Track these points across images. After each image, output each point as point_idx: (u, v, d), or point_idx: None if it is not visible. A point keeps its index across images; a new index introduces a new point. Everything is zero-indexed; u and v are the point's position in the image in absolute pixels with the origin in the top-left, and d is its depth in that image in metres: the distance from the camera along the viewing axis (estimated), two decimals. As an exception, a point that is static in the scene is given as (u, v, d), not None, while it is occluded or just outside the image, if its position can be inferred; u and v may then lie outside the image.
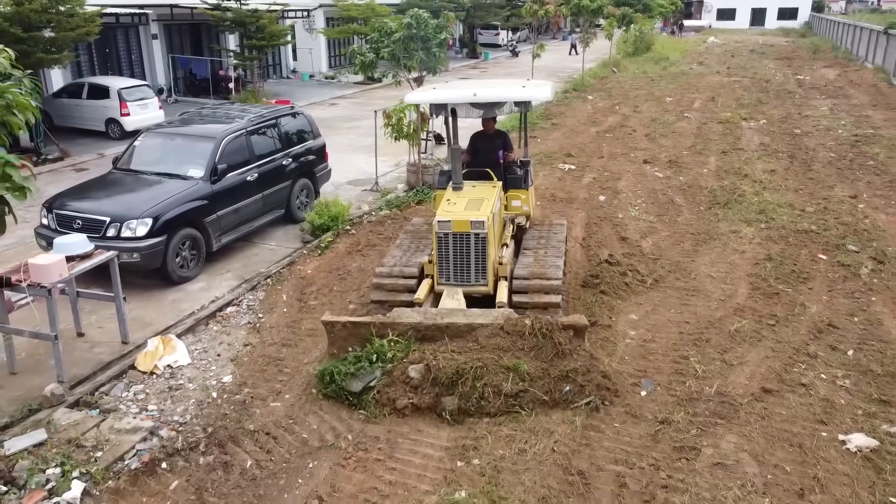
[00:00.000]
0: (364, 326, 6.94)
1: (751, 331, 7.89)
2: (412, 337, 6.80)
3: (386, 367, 6.59)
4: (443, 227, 7.54)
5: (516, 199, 9.11)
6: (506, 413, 6.28)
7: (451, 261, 7.63)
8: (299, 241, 11.29)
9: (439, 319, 6.88)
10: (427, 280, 7.84)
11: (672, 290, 9.04)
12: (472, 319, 6.85)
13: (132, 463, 5.85)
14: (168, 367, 7.38)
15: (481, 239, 7.47)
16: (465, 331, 6.77)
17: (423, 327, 6.83)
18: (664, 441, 5.97)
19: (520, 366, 6.40)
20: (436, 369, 6.38)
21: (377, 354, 6.67)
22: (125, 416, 6.52)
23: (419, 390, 6.41)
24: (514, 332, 6.67)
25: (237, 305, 8.98)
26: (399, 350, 6.69)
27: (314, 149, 12.55)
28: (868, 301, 8.66)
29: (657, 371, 7.08)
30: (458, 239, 7.53)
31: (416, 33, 12.71)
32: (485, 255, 7.55)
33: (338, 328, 6.98)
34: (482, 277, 7.63)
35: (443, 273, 7.72)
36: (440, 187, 8.85)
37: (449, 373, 6.33)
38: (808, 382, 6.82)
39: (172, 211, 9.39)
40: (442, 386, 6.36)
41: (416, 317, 6.95)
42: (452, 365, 6.36)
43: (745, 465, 5.64)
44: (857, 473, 5.54)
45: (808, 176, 14.56)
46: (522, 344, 6.61)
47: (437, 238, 7.61)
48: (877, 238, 10.72)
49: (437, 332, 6.79)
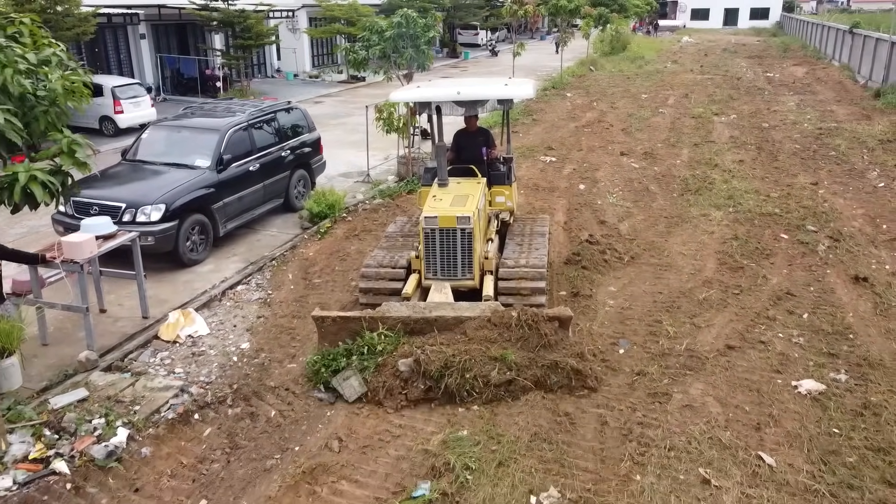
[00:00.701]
0: (354, 321, 7.08)
1: (717, 299, 8.74)
2: (401, 330, 6.94)
3: (377, 359, 6.74)
4: (430, 223, 7.72)
5: (500, 195, 9.36)
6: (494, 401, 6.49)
7: (438, 255, 7.82)
8: (298, 227, 11.98)
9: (428, 313, 7.04)
10: (414, 275, 8.03)
11: (647, 265, 9.88)
12: (460, 312, 7.03)
13: (168, 414, 6.55)
14: (189, 336, 8.06)
15: (467, 234, 7.69)
16: (453, 324, 6.92)
17: (412, 321, 6.96)
18: (640, 389, 6.78)
19: (507, 356, 6.59)
20: (425, 362, 6.51)
21: (367, 347, 6.83)
22: (156, 377, 7.21)
23: (409, 383, 6.57)
24: (501, 323, 6.85)
25: (246, 284, 9.67)
26: (389, 343, 6.84)
27: (310, 141, 13.24)
28: (823, 273, 9.55)
29: (633, 333, 7.90)
30: (444, 234, 7.73)
31: (405, 32, 13.48)
32: (471, 250, 7.76)
33: (328, 323, 7.14)
34: (469, 271, 7.86)
35: (430, 268, 7.91)
36: (425, 184, 9.08)
37: (438, 365, 6.48)
38: (766, 340, 7.68)
39: (183, 198, 10.04)
40: (431, 378, 6.51)
41: (405, 311, 7.11)
42: (441, 357, 6.51)
43: (710, 407, 6.46)
44: (806, 411, 6.39)
45: (773, 165, 15.51)
46: (509, 335, 6.78)
47: (423, 233, 7.79)
48: (834, 219, 11.65)
49: (425, 326, 6.93)
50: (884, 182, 13.99)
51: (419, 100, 9.01)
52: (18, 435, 6.05)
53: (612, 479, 5.46)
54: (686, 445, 5.87)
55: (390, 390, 6.56)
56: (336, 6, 31.68)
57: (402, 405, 6.52)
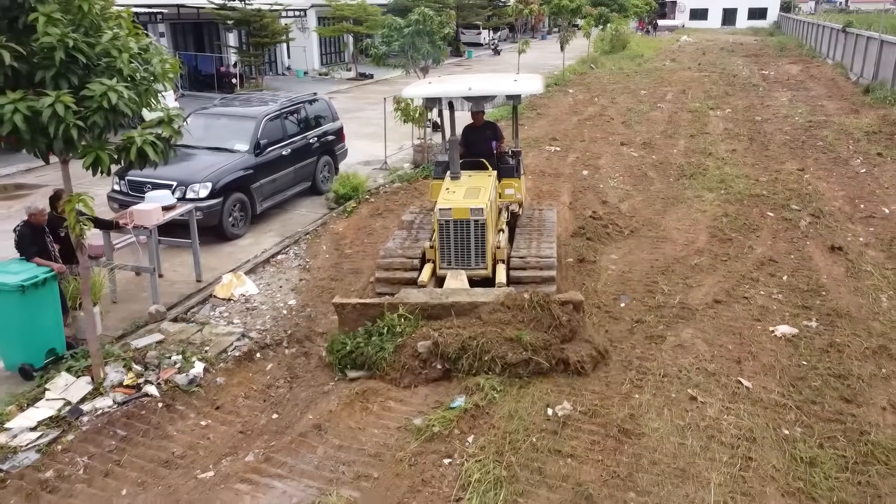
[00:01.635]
0: (373, 307, 7.35)
1: (707, 264, 9.84)
2: (419, 315, 7.20)
3: (396, 341, 7.02)
4: (444, 215, 7.93)
5: (509, 188, 9.56)
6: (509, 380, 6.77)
7: (452, 246, 8.05)
8: (325, 208, 13.06)
9: (444, 299, 7.31)
10: (429, 264, 8.28)
11: (645, 238, 10.97)
12: (475, 298, 7.30)
13: (234, 353, 7.65)
14: (242, 295, 9.14)
15: (480, 225, 7.90)
16: (468, 309, 7.17)
17: (429, 306, 7.22)
18: (638, 333, 7.87)
19: (522, 336, 6.84)
20: (443, 344, 6.80)
21: (387, 328, 7.12)
22: (218, 326, 8.31)
23: (428, 364, 6.86)
24: (514, 306, 7.09)
25: (285, 254, 10.75)
26: (408, 326, 7.11)
27: (333, 130, 14.33)
28: (803, 244, 10.64)
29: (633, 291, 8.99)
30: (458, 225, 7.95)
31: (422, 28, 14.57)
32: (484, 240, 7.98)
33: (348, 309, 7.40)
34: (482, 261, 8.09)
35: (444, 258, 8.13)
36: (436, 177, 9.35)
37: (455, 347, 6.78)
38: (749, 296, 8.78)
39: (226, 177, 11.13)
40: (449, 360, 6.82)
41: (422, 297, 7.39)
42: (458, 339, 6.81)
43: (698, 346, 7.55)
44: (780, 349, 7.48)
45: (764, 154, 16.60)
46: (522, 317, 7.01)
47: (438, 225, 8.01)
48: (816, 200, 12.74)
49: (442, 311, 7.20)
50: (865, 168, 15.08)
51: (432, 95, 9.24)
52: (112, 367, 7.13)
53: (615, 397, 6.55)
54: (677, 373, 6.96)
55: (411, 370, 6.88)
56: (345, 6, 32.77)
57: (419, 385, 6.85)
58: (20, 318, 7.06)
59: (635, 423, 6.14)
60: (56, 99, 5.38)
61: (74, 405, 6.58)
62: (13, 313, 7.04)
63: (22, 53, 5.53)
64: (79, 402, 6.64)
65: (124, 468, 5.80)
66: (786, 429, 6.10)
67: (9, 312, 7.04)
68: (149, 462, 5.88)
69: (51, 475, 5.67)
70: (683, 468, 5.58)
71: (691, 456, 5.73)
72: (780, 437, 5.99)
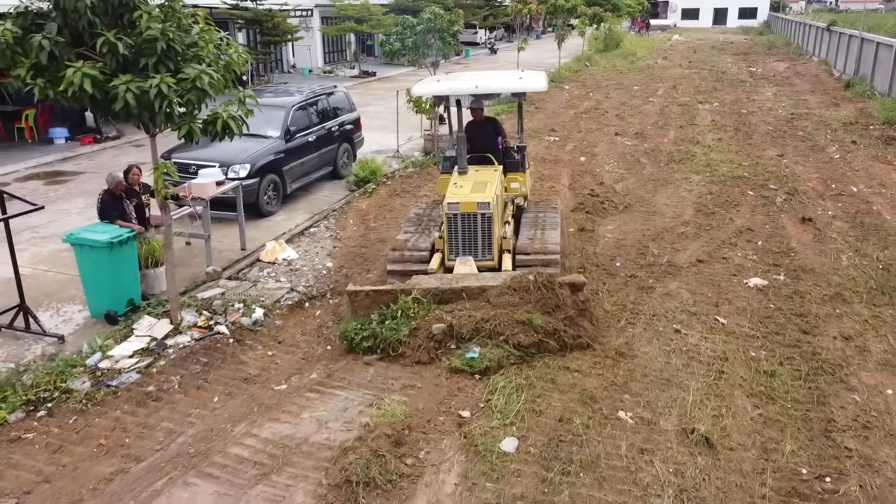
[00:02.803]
0: (386, 294, 7.66)
1: (692, 233, 11.16)
2: (431, 300, 7.58)
3: (411, 324, 7.38)
4: (452, 209, 8.28)
5: (514, 182, 9.89)
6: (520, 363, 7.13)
7: (460, 238, 8.42)
8: (346, 190, 14.34)
9: (455, 284, 7.67)
10: (438, 253, 8.67)
11: (637, 212, 12.29)
12: (484, 282, 7.67)
13: (287, 302, 8.94)
14: (284, 259, 10.41)
15: (487, 218, 8.26)
16: (478, 293, 7.54)
17: (440, 291, 7.59)
18: (631, 285, 9.18)
19: (533, 319, 7.21)
20: (458, 326, 7.22)
21: (401, 311, 7.48)
22: (268, 282, 9.58)
23: (442, 344, 7.27)
24: (520, 288, 7.42)
25: (317, 227, 12.03)
26: (421, 309, 7.48)
27: (351, 120, 15.62)
28: (778, 217, 11.97)
29: (627, 253, 10.31)
30: (466, 218, 8.30)
31: (433, 26, 15.87)
32: (490, 232, 8.35)
33: (361, 297, 7.69)
34: (489, 252, 8.45)
35: (453, 249, 8.49)
36: (445, 172, 9.75)
37: (469, 328, 7.20)
38: (728, 257, 10.10)
39: (262, 160, 12.40)
40: (463, 340, 7.22)
41: (433, 282, 7.76)
42: (472, 321, 7.23)
43: (683, 294, 8.87)
44: (752, 296, 8.81)
45: (747, 142, 17.95)
46: (528, 297, 7.34)
47: (447, 218, 8.35)
48: (792, 181, 14.08)
49: (452, 296, 7.57)
50: (840, 154, 16.43)
51: (439, 93, 9.51)
52: (186, 312, 8.40)
53: (612, 330, 7.86)
54: (664, 313, 8.28)
55: (427, 350, 7.25)
56: (349, 6, 34.03)
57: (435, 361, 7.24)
58: (107, 271, 8.32)
59: (629, 349, 7.45)
60: (161, 80, 6.65)
61: (160, 340, 7.86)
62: (102, 267, 8.30)
63: (131, 44, 6.79)
64: (163, 338, 7.91)
65: (211, 384, 7.08)
66: (752, 352, 7.42)
67: (98, 266, 8.29)
68: (231, 379, 7.16)
69: (153, 389, 6.95)
70: (668, 379, 6.89)
71: (675, 371, 7.04)
72: (747, 357, 7.32)
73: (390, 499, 5.30)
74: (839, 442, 5.93)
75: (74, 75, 6.48)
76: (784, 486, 5.40)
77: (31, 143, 18.84)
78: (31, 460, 5.91)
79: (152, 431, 6.28)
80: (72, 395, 6.79)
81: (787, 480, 5.47)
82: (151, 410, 6.63)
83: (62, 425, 6.38)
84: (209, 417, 6.48)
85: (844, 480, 5.45)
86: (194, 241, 10.66)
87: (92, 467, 5.79)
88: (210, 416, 6.50)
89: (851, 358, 7.30)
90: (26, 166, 16.61)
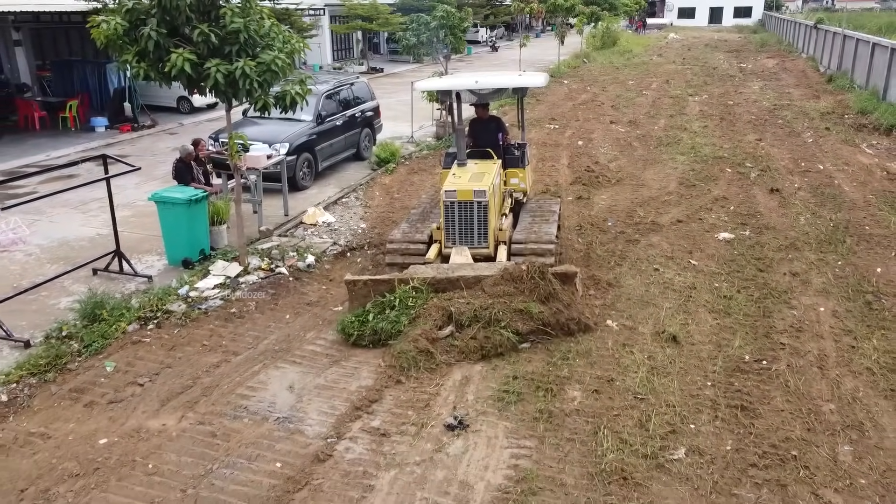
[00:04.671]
0: (383, 283, 7.87)
1: (674, 200, 12.92)
2: (428, 290, 7.81)
3: (410, 312, 7.58)
4: (449, 196, 8.56)
5: (514, 177, 10.23)
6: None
7: (456, 226, 8.67)
8: (369, 169, 16.07)
9: (451, 273, 7.88)
10: (436, 244, 8.96)
11: (628, 185, 14.05)
12: (479, 272, 7.88)
13: (332, 253, 10.68)
14: (324, 222, 12.15)
15: (483, 206, 8.52)
16: (473, 282, 7.75)
17: (436, 281, 7.82)
18: (620, 239, 10.92)
19: (531, 308, 7.46)
20: (457, 313, 7.47)
21: (399, 300, 7.69)
22: (314, 238, 11.32)
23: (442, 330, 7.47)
24: (513, 277, 7.66)
25: (348, 198, 13.78)
26: (420, 298, 7.70)
27: (372, 107, 17.36)
28: (750, 188, 13.73)
29: (617, 216, 12.06)
30: (462, 207, 8.58)
31: (446, 23, 17.64)
32: (486, 221, 8.59)
33: (359, 286, 7.89)
34: (484, 240, 8.71)
35: (449, 237, 8.76)
36: (446, 167, 10.05)
37: (469, 316, 7.45)
38: (703, 218, 11.86)
39: (299, 140, 14.13)
40: (462, 327, 7.46)
41: (430, 272, 7.98)
42: (470, 308, 7.49)
43: (663, 245, 10.61)
44: (720, 246, 10.56)
45: (730, 129, 19.70)
46: (522, 287, 7.58)
47: (444, 206, 8.63)
48: (766, 161, 15.83)
49: (448, 285, 7.81)
50: (813, 139, 18.19)
51: (441, 88, 10.12)
52: (251, 258, 10.14)
53: (604, 269, 9.61)
54: (646, 258, 10.04)
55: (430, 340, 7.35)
56: (358, 5, 35.76)
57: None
58: (185, 225, 10.05)
59: (616, 281, 9.21)
60: (244, 63, 8.38)
61: (233, 278, 9.60)
62: (181, 221, 10.03)
63: (218, 34, 8.52)
64: (235, 276, 9.65)
65: (281, 308, 8.82)
66: (716, 283, 9.19)
67: (178, 220, 10.02)
68: (296, 304, 8.91)
69: (235, 310, 8.70)
70: (647, 301, 8.65)
71: (652, 296, 8.80)
72: (712, 287, 9.08)
73: (434, 375, 7.04)
74: (776, 340, 7.68)
75: (177, 59, 8.22)
76: (730, 366, 7.15)
77: (75, 131, 20.56)
78: (152, 355, 7.65)
79: (242, 337, 8.03)
80: (172, 315, 8.53)
81: (733, 363, 7.22)
82: (237, 324, 8.37)
83: (170, 334, 8.13)
84: (285, 328, 8.23)
85: (776, 362, 7.20)
86: (244, 208, 12.37)
87: (201, 358, 7.54)
88: (285, 328, 8.25)
89: (795, 287, 9.05)
90: (75, 150, 18.34)
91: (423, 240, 9.08)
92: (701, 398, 6.60)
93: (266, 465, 5.73)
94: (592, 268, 9.63)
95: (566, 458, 5.75)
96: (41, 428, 6.35)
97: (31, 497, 5.41)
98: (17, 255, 10.49)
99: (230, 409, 6.54)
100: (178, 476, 5.61)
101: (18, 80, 22.63)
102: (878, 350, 7.41)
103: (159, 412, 6.55)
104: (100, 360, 7.53)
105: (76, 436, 6.21)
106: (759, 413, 6.34)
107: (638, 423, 6.19)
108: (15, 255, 10.48)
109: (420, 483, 5.50)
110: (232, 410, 6.52)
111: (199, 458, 5.83)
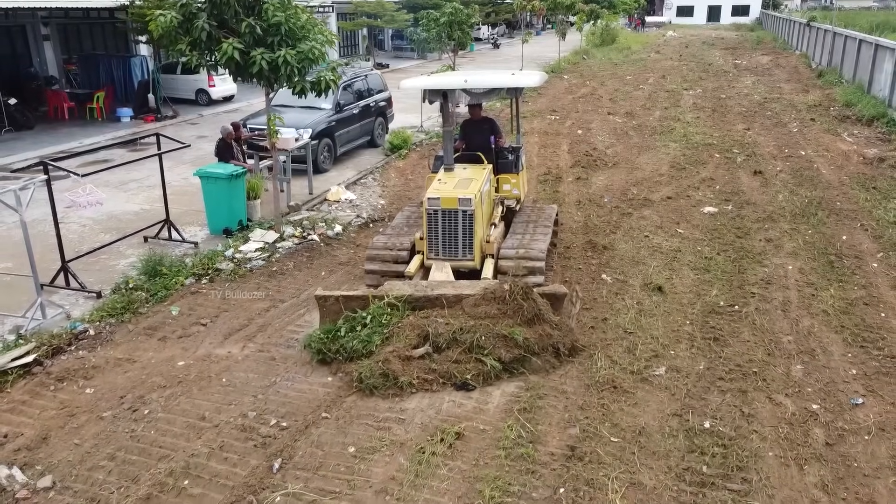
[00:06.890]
0: (356, 300, 7.22)
1: (665, 181, 14.14)
2: (405, 306, 7.15)
3: (383, 331, 6.94)
4: (432, 204, 7.99)
5: (507, 183, 9.56)
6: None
7: (440, 236, 8.06)
8: (383, 155, 17.28)
9: (430, 291, 7.25)
10: (418, 256, 8.33)
11: (623, 168, 15.27)
12: (460, 290, 7.23)
13: (356, 224, 11.90)
14: (346, 199, 13.36)
15: (468, 216, 7.91)
16: (454, 301, 7.10)
17: (414, 299, 7.17)
18: (615, 213, 12.14)
19: (515, 334, 6.76)
20: (434, 335, 6.78)
21: (372, 317, 7.04)
22: (339, 212, 12.54)
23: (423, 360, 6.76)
24: (496, 298, 7.01)
25: (366, 179, 15.00)
26: (395, 316, 7.06)
27: (385, 98, 18.58)
28: (736, 171, 14.95)
29: (613, 194, 13.28)
30: (446, 215, 7.97)
31: (454, 20, 18.87)
32: (472, 232, 7.98)
33: (330, 302, 7.28)
34: (469, 252, 8.08)
35: (432, 248, 8.16)
36: (434, 171, 9.45)
37: (447, 338, 6.78)
38: (691, 195, 13.09)
39: (320, 126, 15.35)
40: (440, 350, 6.78)
41: (407, 289, 7.31)
42: (449, 330, 6.80)
43: (654, 218, 11.83)
44: (705, 218, 11.78)
45: (721, 120, 20.91)
46: (505, 308, 6.95)
47: (426, 214, 8.04)
48: (752, 147, 17.05)
49: (427, 303, 7.15)
50: (798, 129, 19.40)
51: (428, 87, 9.06)
52: (286, 227, 11.36)
53: (599, 235, 10.83)
54: (638, 227, 11.27)
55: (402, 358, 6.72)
56: (364, 3, 36.98)
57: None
58: (226, 198, 11.26)
59: (611, 245, 10.44)
60: (285, 52, 9.59)
61: (271, 244, 10.82)
62: (222, 194, 11.24)
63: (262, 26, 9.72)
64: (272, 242, 10.87)
65: (316, 267, 10.05)
66: (699, 247, 10.42)
67: (220, 194, 11.23)
68: (329, 264, 10.14)
69: (276, 269, 9.92)
70: (637, 261, 9.88)
71: (642, 257, 10.03)
72: (695, 250, 10.31)
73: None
74: (748, 290, 8.91)
75: (228, 48, 9.44)
76: (707, 310, 8.38)
77: (101, 121, 21.79)
78: (210, 302, 8.88)
79: (286, 289, 9.25)
80: (221, 272, 9.75)
81: (710, 307, 8.45)
82: (280, 280, 9.60)
83: (221, 287, 9.35)
84: (322, 282, 9.45)
85: (746, 306, 8.43)
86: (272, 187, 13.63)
87: (253, 304, 8.76)
88: (322, 281, 9.47)
89: (769, 251, 10.28)
90: (104, 138, 19.55)
91: (406, 247, 8.54)
92: (680, 333, 7.83)
93: (320, 377, 6.95)
94: (590, 234, 10.86)
95: (567, 374, 6.97)
96: (126, 355, 7.57)
97: (129, 401, 6.62)
98: (73, 225, 11.71)
99: (283, 340, 7.76)
100: (249, 386, 6.83)
101: (47, 72, 23.82)
102: (834, 297, 8.65)
103: (224, 343, 7.77)
104: (165, 306, 8.76)
105: (157, 360, 7.43)
106: (729, 343, 7.57)
107: (626, 350, 7.41)
108: (70, 225, 11.70)
109: (445, 389, 6.71)
110: (285, 341, 7.75)
111: (264, 374, 7.06)
